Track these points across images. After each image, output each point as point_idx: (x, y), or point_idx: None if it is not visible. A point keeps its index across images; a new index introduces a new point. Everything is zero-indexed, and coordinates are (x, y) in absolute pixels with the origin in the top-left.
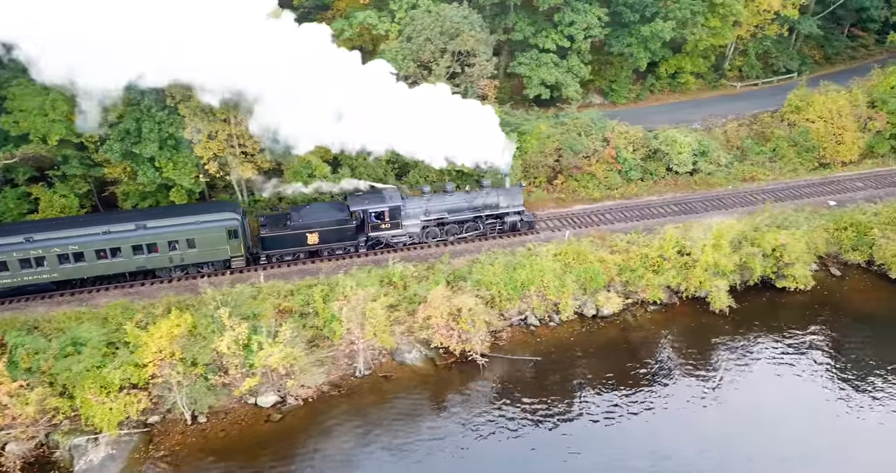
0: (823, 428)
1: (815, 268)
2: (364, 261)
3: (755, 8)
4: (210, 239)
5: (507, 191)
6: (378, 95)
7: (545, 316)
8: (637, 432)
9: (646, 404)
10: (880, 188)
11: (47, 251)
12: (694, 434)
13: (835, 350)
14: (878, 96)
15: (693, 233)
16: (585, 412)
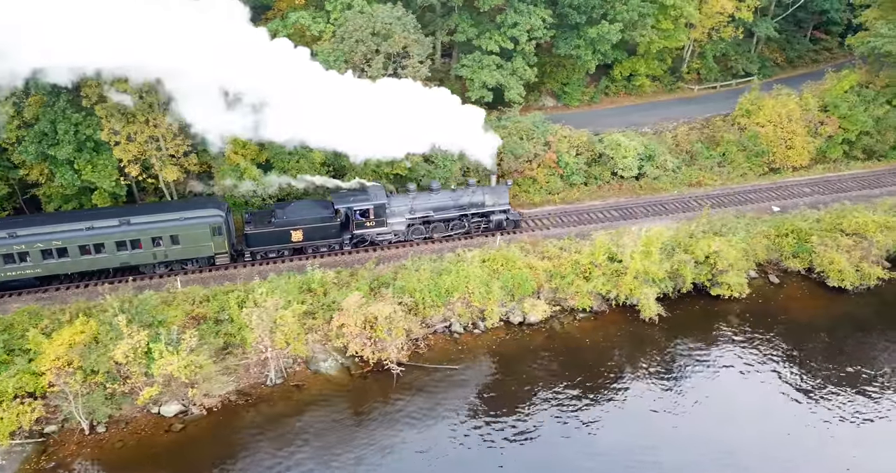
0: (746, 437)
1: (753, 276)
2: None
3: (708, 10)
4: (194, 236)
5: (493, 190)
6: (300, 82)
7: (470, 324)
8: (555, 442)
9: (565, 414)
10: (827, 194)
11: (31, 246)
12: (614, 444)
13: (763, 358)
14: (829, 101)
15: (623, 240)
16: (502, 422)
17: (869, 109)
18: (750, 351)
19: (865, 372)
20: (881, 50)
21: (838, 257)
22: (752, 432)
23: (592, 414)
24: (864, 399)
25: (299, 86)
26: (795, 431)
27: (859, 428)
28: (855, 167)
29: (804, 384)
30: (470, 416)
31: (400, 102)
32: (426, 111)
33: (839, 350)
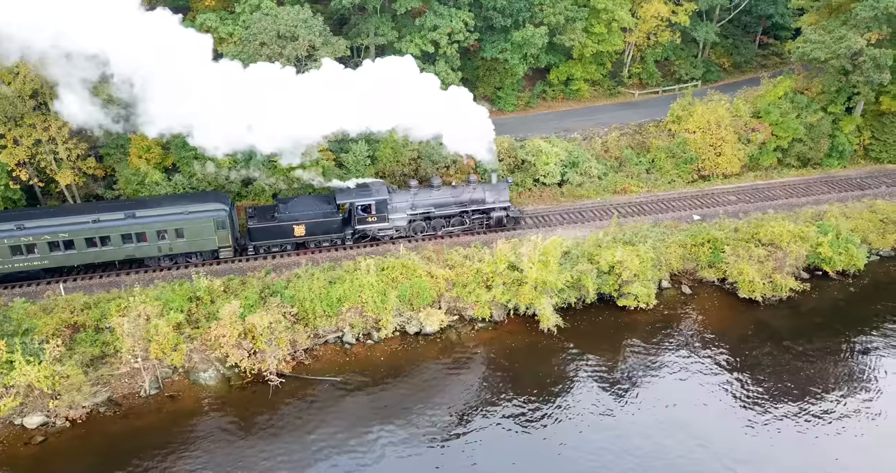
0: (640, 452)
1: (666, 286)
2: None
3: (643, 14)
4: (198, 229)
5: (494, 187)
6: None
7: (364, 334)
8: (432, 457)
9: (445, 430)
10: (752, 202)
11: (38, 238)
12: (494, 460)
13: (661, 370)
14: (761, 107)
15: (523, 249)
16: (376, 435)
17: (801, 116)
18: (649, 364)
19: (767, 383)
20: (809, 56)
21: (747, 268)
22: (648, 446)
23: (475, 428)
24: (767, 410)
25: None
26: (700, 444)
27: (769, 439)
28: (788, 175)
29: (702, 396)
30: (343, 430)
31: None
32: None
33: (741, 361)
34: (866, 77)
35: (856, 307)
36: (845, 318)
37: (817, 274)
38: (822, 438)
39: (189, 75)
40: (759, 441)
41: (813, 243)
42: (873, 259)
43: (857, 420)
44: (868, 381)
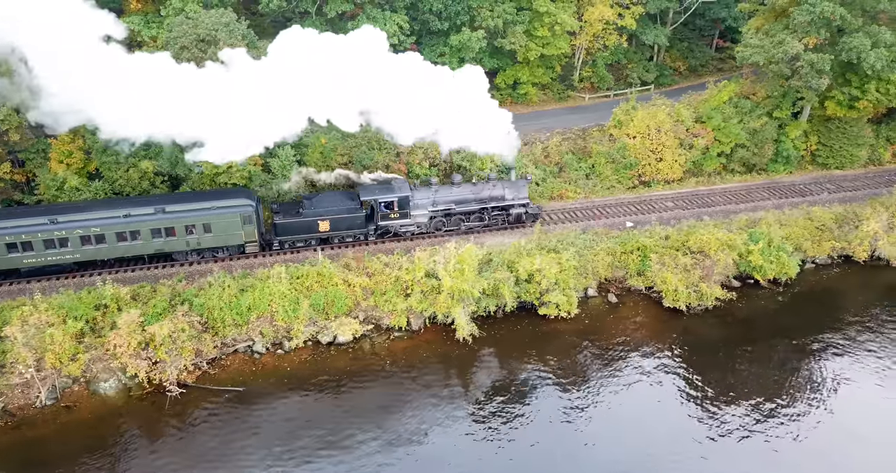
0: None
1: (592, 294)
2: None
3: (588, 17)
4: (225, 225)
5: (513, 184)
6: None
7: (275, 344)
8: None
9: (348, 441)
10: (690, 209)
11: (70, 232)
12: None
13: (567, 380)
14: (704, 112)
15: (440, 257)
16: (273, 451)
17: (744, 121)
18: (561, 373)
19: (676, 392)
20: (749, 60)
21: (671, 276)
22: (555, 455)
23: (378, 438)
24: (678, 417)
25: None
26: (613, 460)
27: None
28: (731, 181)
29: (612, 405)
30: (238, 442)
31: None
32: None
33: (656, 370)
34: (805, 82)
35: (781, 316)
36: (768, 327)
37: (749, 282)
38: (742, 447)
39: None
40: (676, 449)
41: (742, 251)
42: (809, 267)
43: (776, 429)
44: (786, 391)
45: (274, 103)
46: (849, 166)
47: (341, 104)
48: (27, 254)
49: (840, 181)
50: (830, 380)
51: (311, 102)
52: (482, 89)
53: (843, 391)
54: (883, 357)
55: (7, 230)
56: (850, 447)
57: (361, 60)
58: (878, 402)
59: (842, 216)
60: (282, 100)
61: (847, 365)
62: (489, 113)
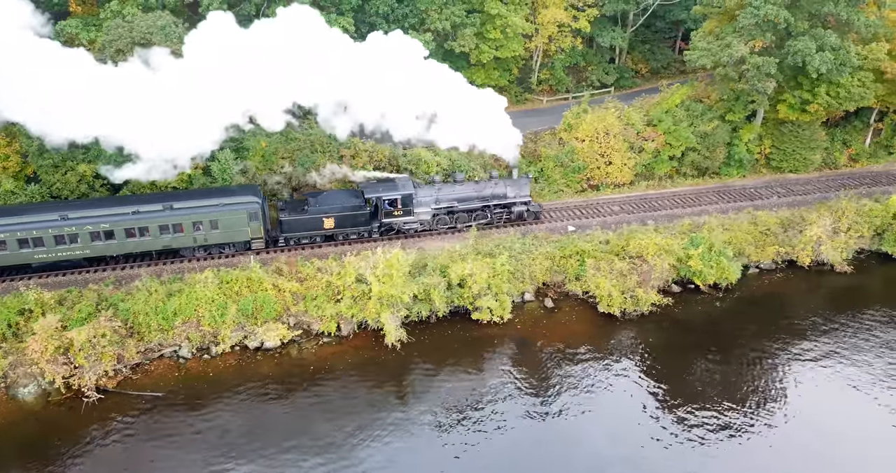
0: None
1: (529, 299)
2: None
3: (542, 20)
4: (232, 221)
5: (515, 182)
6: None
7: (201, 349)
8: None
9: (264, 449)
10: (635, 213)
11: (80, 229)
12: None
13: (493, 385)
14: (654, 115)
15: (364, 262)
16: (195, 458)
17: (695, 124)
18: (487, 378)
19: (601, 398)
20: (697, 63)
21: (604, 281)
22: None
23: (296, 447)
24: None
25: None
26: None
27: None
28: (683, 184)
29: (535, 411)
30: (152, 446)
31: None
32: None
33: (583, 375)
34: (751, 85)
35: (717, 321)
36: (703, 332)
37: (690, 287)
38: (674, 452)
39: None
40: (602, 453)
41: (681, 256)
42: (752, 272)
43: (706, 434)
44: (715, 395)
45: (195, 104)
46: (803, 170)
47: (266, 100)
48: (38, 250)
49: (792, 185)
50: (763, 384)
51: (232, 101)
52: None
53: (775, 394)
54: (819, 361)
55: (18, 226)
56: (789, 453)
57: (292, 49)
58: (808, 407)
59: (788, 220)
60: (202, 101)
61: (782, 368)
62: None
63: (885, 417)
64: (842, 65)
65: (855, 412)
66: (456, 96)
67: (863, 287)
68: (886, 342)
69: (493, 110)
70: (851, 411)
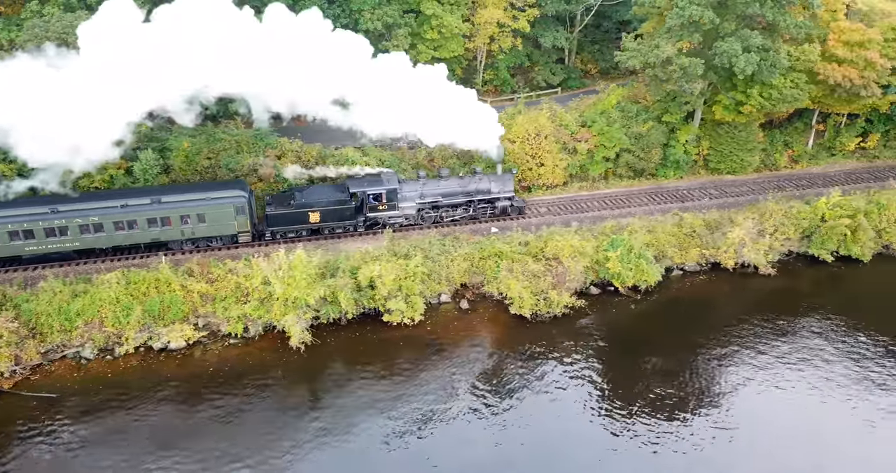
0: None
1: (446, 300)
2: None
3: (478, 20)
4: (219, 215)
5: (499, 178)
6: None
7: (104, 349)
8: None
9: (156, 454)
10: (561, 214)
11: (70, 221)
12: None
13: (395, 387)
14: (588, 116)
15: (265, 264)
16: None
17: (629, 125)
18: (390, 380)
19: (500, 402)
20: (626, 64)
21: (514, 283)
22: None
23: (187, 445)
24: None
25: None
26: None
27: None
28: (618, 185)
29: (434, 414)
30: (40, 448)
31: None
32: None
33: (486, 378)
34: (679, 86)
35: (628, 324)
36: (611, 335)
37: (610, 289)
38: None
39: None
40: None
41: (599, 258)
42: (676, 274)
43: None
44: (615, 397)
45: (91, 102)
46: (740, 171)
47: (174, 92)
48: (29, 242)
49: (728, 186)
50: (673, 385)
51: (132, 96)
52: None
53: (685, 395)
54: (733, 362)
55: (9, 219)
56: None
57: (198, 34)
58: (723, 407)
59: (715, 222)
60: (99, 98)
61: (692, 369)
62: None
63: (803, 416)
64: (772, 66)
65: (771, 411)
66: (433, 92)
67: (783, 289)
68: (804, 344)
69: (473, 106)
70: (768, 410)
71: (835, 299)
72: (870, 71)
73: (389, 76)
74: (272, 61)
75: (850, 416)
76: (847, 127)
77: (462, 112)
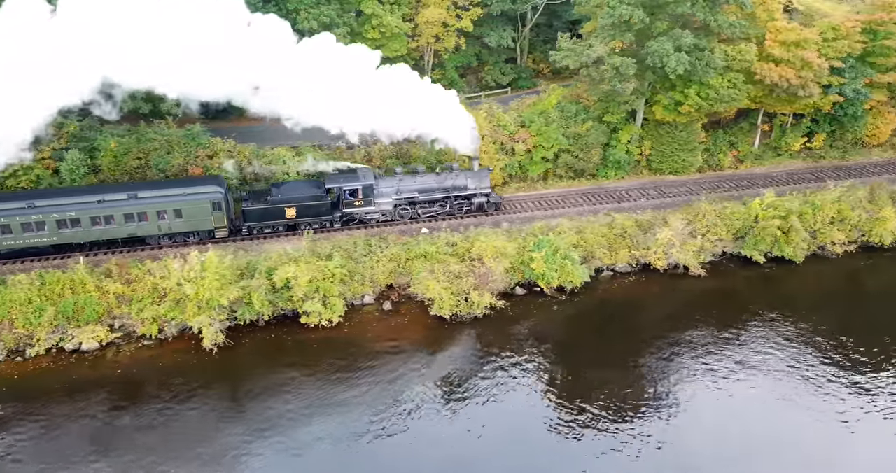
0: None
1: (370, 301)
2: None
3: (420, 20)
4: (195, 210)
5: (475, 174)
6: None
7: (15, 351)
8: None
9: (52, 453)
10: (494, 215)
11: (47, 216)
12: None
13: (304, 392)
14: (526, 117)
15: (175, 265)
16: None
17: (567, 125)
18: (298, 382)
19: (406, 404)
20: (561, 64)
21: (433, 284)
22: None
23: (91, 448)
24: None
25: None
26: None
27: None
28: (557, 186)
29: (344, 418)
30: None
31: None
32: None
33: (395, 381)
34: (612, 86)
35: (547, 325)
36: (529, 335)
37: (536, 290)
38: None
39: None
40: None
41: (524, 259)
42: (606, 274)
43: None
44: (534, 396)
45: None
46: (682, 172)
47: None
48: (6, 237)
49: (669, 187)
50: (593, 385)
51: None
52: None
53: (607, 395)
54: (653, 361)
55: None
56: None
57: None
58: (643, 407)
59: (648, 223)
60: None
61: (613, 369)
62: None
63: (733, 416)
64: (707, 65)
65: (700, 413)
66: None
67: (712, 290)
68: (730, 343)
69: (447, 103)
70: (683, 408)
71: (763, 300)
72: (807, 71)
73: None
74: (189, 52)
75: (782, 415)
76: (793, 127)
77: (430, 104)
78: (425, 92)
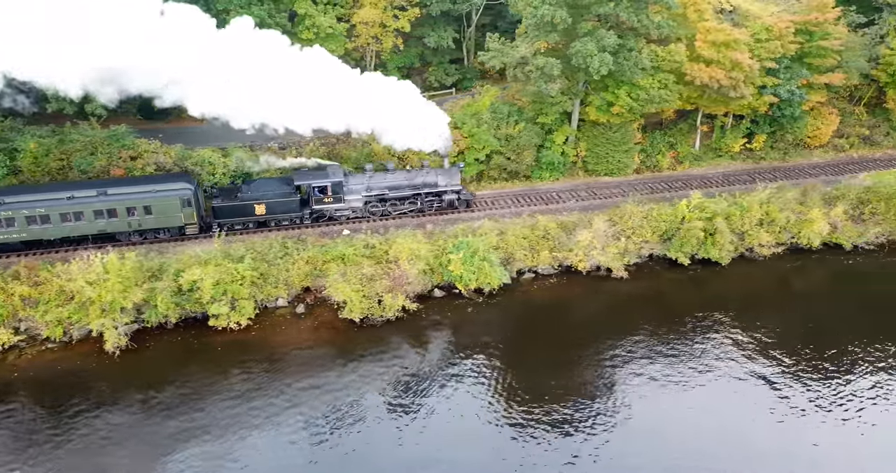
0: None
1: (283, 304)
2: None
3: (354, 20)
4: (165, 207)
5: (446, 171)
6: None
7: None
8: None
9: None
10: (416, 217)
11: (17, 213)
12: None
13: (202, 397)
14: (457, 118)
15: (75, 266)
16: None
17: (499, 127)
18: (199, 386)
19: (317, 407)
20: (488, 64)
21: (343, 286)
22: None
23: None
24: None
25: None
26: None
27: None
28: (490, 187)
29: (258, 422)
30: None
31: None
32: None
33: (301, 388)
34: (537, 86)
35: (463, 327)
36: (441, 338)
37: (455, 292)
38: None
39: None
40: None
41: (442, 261)
42: (528, 276)
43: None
44: (448, 399)
45: None
46: (618, 173)
47: None
48: None
49: (602, 188)
50: (509, 388)
51: None
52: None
53: (514, 401)
54: (566, 363)
55: None
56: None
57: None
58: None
59: (572, 224)
60: None
61: (528, 372)
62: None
63: (656, 417)
64: (634, 65)
65: (626, 415)
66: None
67: (633, 292)
68: (646, 344)
69: (414, 102)
70: (610, 410)
71: (687, 301)
72: (737, 72)
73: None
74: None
75: (703, 412)
76: (733, 128)
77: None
78: (373, 86)
